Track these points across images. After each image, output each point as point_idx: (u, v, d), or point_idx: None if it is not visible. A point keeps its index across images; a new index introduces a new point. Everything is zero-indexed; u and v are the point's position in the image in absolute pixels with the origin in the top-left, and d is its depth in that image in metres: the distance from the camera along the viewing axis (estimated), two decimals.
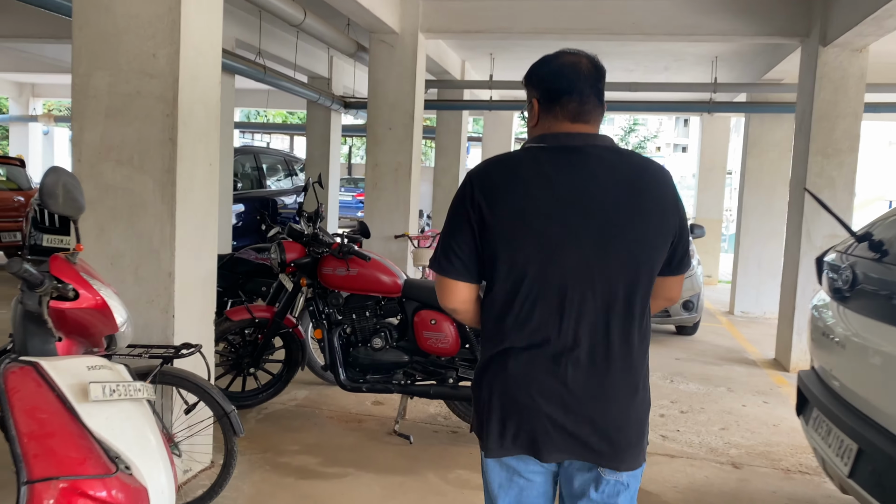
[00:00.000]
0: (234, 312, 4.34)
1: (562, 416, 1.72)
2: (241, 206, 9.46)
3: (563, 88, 1.78)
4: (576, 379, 1.72)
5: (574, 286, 1.71)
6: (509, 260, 1.72)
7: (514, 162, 1.82)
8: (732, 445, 4.45)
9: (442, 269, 1.80)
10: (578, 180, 1.73)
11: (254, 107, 18.20)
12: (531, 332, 1.73)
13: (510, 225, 1.72)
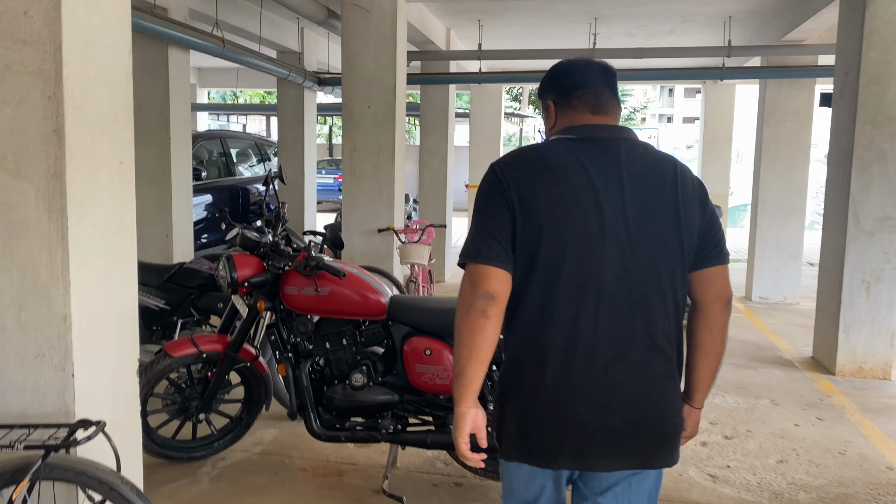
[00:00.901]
0: (176, 346, 3.44)
1: (605, 421, 1.71)
2: (208, 197, 8.54)
3: (576, 82, 1.85)
4: (617, 378, 1.70)
5: (610, 279, 1.69)
6: (547, 251, 1.69)
7: (545, 151, 1.78)
8: (799, 487, 3.63)
9: (480, 255, 1.71)
10: (612, 171, 1.73)
11: (223, 87, 17.10)
12: (567, 329, 1.69)
13: (548, 214, 1.69)
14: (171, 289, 4.43)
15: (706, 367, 1.88)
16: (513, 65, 9.94)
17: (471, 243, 1.74)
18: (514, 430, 1.79)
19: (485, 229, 1.72)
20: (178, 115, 6.55)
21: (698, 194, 1.79)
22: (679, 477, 3.70)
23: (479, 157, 12.46)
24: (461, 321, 1.72)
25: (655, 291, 1.72)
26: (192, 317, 4.43)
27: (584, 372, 1.70)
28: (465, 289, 1.73)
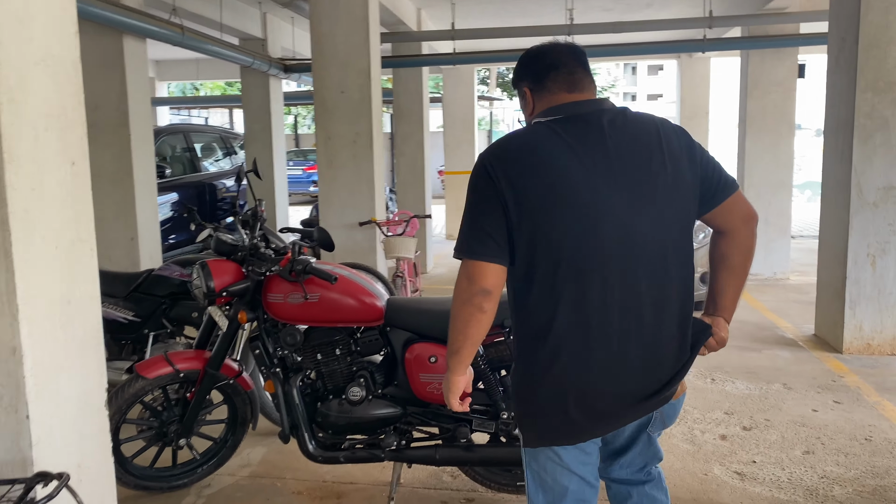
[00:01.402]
0: (149, 366, 3.07)
1: (631, 389, 1.78)
2: (174, 195, 8.09)
3: (548, 64, 1.88)
4: (635, 346, 1.76)
5: (615, 255, 1.71)
6: (545, 238, 1.71)
7: (531, 137, 1.81)
8: (832, 480, 3.39)
9: (474, 252, 1.75)
10: (598, 146, 1.74)
11: (183, 79, 16.47)
12: (577, 311, 1.72)
13: (542, 201, 1.70)
14: (139, 299, 4.04)
15: (736, 287, 1.96)
16: (487, 45, 9.57)
17: (464, 239, 1.78)
18: (548, 415, 1.82)
19: (478, 225, 1.75)
20: (138, 110, 6.11)
21: (685, 145, 1.82)
22: (705, 477, 3.44)
23: (454, 142, 12.14)
24: (458, 311, 1.80)
25: (660, 258, 1.76)
26: (165, 328, 4.05)
27: (601, 347, 1.75)
28: (462, 282, 1.78)
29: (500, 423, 2.97)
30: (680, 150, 1.81)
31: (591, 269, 1.72)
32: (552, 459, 1.89)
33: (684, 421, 4.10)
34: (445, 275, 8.94)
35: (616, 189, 1.72)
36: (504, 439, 3.05)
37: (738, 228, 1.91)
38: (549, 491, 1.93)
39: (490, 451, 3.00)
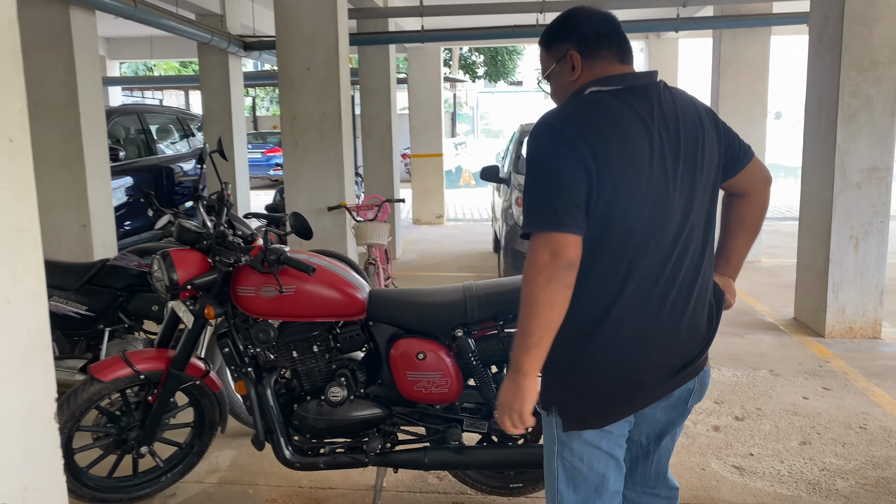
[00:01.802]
0: (105, 368, 2.77)
1: (674, 360, 1.77)
2: (128, 179, 7.68)
3: (599, 30, 1.79)
4: (683, 318, 1.75)
5: (675, 227, 1.71)
6: (622, 210, 1.65)
7: (602, 104, 1.71)
8: (833, 473, 3.26)
9: (563, 222, 1.61)
10: (661, 120, 1.70)
11: (136, 58, 15.78)
12: (641, 283, 1.69)
13: (623, 170, 1.64)
14: (93, 291, 3.71)
15: (749, 247, 2.02)
16: (456, 22, 9.29)
17: (548, 209, 1.62)
18: (602, 392, 1.75)
19: (563, 193, 1.61)
20: (87, 88, 5.72)
21: (713, 120, 1.83)
22: (703, 472, 3.28)
23: (420, 125, 11.86)
24: (540, 293, 1.61)
25: (701, 229, 1.77)
26: (122, 323, 3.73)
27: (662, 320, 1.72)
28: (542, 258, 1.61)
29: (494, 423, 2.76)
30: (711, 126, 1.81)
31: (655, 240, 1.68)
32: (591, 443, 1.78)
33: None
34: (416, 261, 8.70)
35: (676, 163, 1.71)
36: (496, 439, 2.85)
37: (759, 190, 1.96)
38: (583, 484, 1.82)
39: (483, 453, 2.78)
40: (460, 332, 2.71)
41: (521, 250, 6.10)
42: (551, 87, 1.90)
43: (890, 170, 5.06)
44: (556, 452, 1.83)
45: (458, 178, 19.19)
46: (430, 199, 12.06)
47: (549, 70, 1.87)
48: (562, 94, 1.85)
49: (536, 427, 2.82)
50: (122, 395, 2.89)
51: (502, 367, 2.84)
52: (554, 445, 1.82)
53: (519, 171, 7.09)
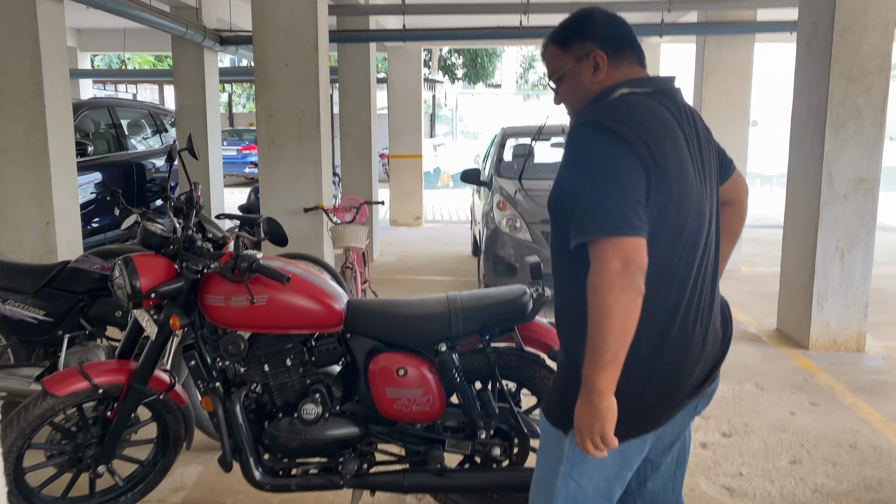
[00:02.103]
0: (60, 381, 2.57)
1: (704, 370, 1.73)
2: (96, 175, 7.42)
3: (625, 35, 1.77)
4: (711, 326, 1.73)
5: (707, 232, 1.70)
6: (676, 213, 1.61)
7: (648, 106, 1.65)
8: (826, 495, 3.16)
9: (633, 226, 1.51)
10: (688, 123, 1.71)
11: (108, 51, 15.38)
12: (683, 290, 1.66)
13: (676, 174, 1.60)
14: (52, 295, 3.49)
15: (730, 251, 2.00)
16: (438, 22, 9.13)
17: (615, 211, 1.51)
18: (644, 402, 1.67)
19: (629, 192, 1.53)
20: (54, 79, 5.46)
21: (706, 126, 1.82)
22: (692, 493, 3.16)
23: (399, 125, 11.69)
24: (615, 304, 1.50)
25: (717, 240, 1.77)
26: (83, 329, 3.51)
27: (696, 325, 1.69)
28: (614, 267, 1.50)
29: (478, 443, 2.61)
30: (709, 131, 1.82)
31: (696, 245, 1.66)
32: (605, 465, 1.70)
33: None
34: (393, 263, 8.52)
35: (703, 167, 1.70)
36: (479, 460, 2.69)
37: (742, 199, 1.98)
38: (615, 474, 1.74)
39: (466, 476, 2.62)
40: (444, 347, 2.55)
41: (502, 255, 5.96)
42: (565, 88, 1.80)
43: (877, 181, 4.99)
44: (564, 473, 1.72)
45: (436, 179, 19.04)
46: (408, 200, 11.89)
47: (566, 69, 1.77)
48: (580, 96, 1.77)
49: (522, 449, 2.68)
50: (78, 410, 2.69)
51: (486, 383, 2.69)
52: (560, 465, 1.71)
53: (501, 174, 6.96)
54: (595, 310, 1.52)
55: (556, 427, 1.72)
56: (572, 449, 1.68)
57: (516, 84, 32.64)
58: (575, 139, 1.62)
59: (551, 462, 1.75)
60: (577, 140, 1.61)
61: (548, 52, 1.82)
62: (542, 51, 1.85)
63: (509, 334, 2.64)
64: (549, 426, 1.75)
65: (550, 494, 1.75)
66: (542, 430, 1.80)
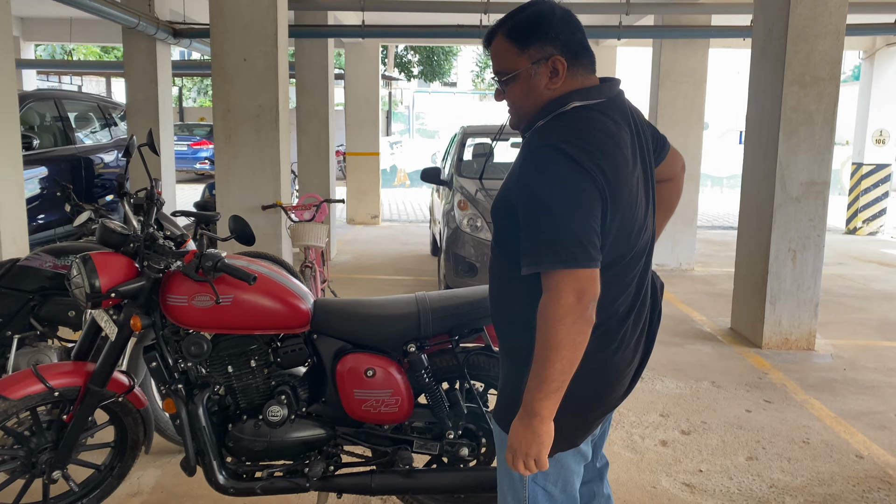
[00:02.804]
0: (13, 384, 2.46)
1: (641, 361, 1.80)
2: (42, 170, 7.18)
3: (581, 39, 1.69)
4: (646, 321, 1.78)
5: (648, 247, 1.73)
6: (625, 235, 1.62)
7: (602, 126, 1.60)
8: (782, 490, 3.24)
9: (591, 257, 1.50)
10: (634, 128, 1.69)
11: (53, 41, 14.89)
12: (630, 300, 1.69)
13: (628, 197, 1.59)
14: (0, 294, 3.36)
15: (664, 225, 2.02)
16: (398, 19, 9.08)
17: (572, 242, 1.49)
18: (581, 414, 1.71)
19: (586, 225, 1.50)
20: (3, 69, 5.25)
21: (644, 120, 1.80)
22: (653, 490, 3.20)
23: (357, 122, 11.59)
24: (565, 336, 1.50)
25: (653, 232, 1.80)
26: (33, 330, 3.38)
27: (637, 332, 1.74)
28: (567, 299, 1.49)
29: (446, 444, 2.59)
30: (646, 122, 1.81)
31: (641, 257, 1.70)
32: (567, 465, 1.76)
33: (621, 425, 3.87)
34: (351, 262, 8.45)
35: (646, 178, 1.70)
36: (447, 461, 2.68)
37: (678, 175, 1.98)
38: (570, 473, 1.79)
39: (434, 477, 2.60)
40: (413, 348, 2.53)
41: (463, 254, 5.96)
42: (516, 90, 1.68)
43: (827, 184, 5.15)
44: (529, 480, 1.75)
45: (392, 177, 18.96)
46: (365, 198, 11.81)
47: (521, 70, 1.65)
48: (531, 101, 1.68)
49: (489, 449, 2.67)
50: (32, 414, 2.58)
51: (454, 383, 2.68)
52: (530, 476, 1.72)
53: (461, 173, 6.96)
54: (545, 339, 1.51)
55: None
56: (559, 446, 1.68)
57: (473, 83, 32.75)
58: (534, 164, 1.56)
59: (513, 474, 1.74)
60: (535, 165, 1.55)
61: (498, 45, 1.69)
62: (488, 40, 1.72)
63: (478, 334, 2.63)
64: (506, 438, 1.70)
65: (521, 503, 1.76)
66: (500, 442, 1.77)
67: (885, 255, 9.69)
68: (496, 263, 1.77)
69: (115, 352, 2.53)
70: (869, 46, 11.31)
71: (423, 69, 27.99)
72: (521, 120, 1.74)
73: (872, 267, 8.76)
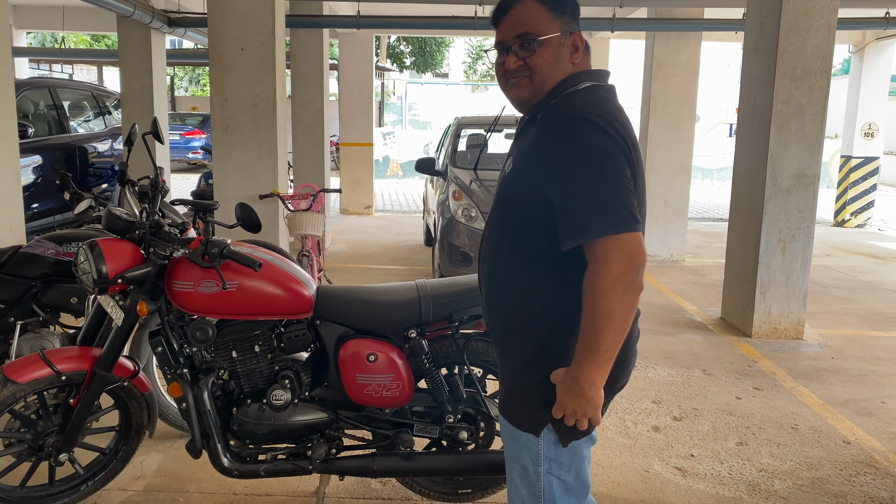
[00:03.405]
0: (21, 368, 2.51)
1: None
2: (37, 158, 7.18)
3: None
4: None
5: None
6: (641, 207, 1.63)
7: (615, 103, 1.68)
8: (771, 474, 3.32)
9: (637, 221, 1.53)
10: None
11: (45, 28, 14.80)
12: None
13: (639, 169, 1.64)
14: (3, 281, 3.38)
15: None
16: (391, 8, 9.09)
17: (620, 207, 1.51)
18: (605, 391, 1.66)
19: (628, 190, 1.54)
20: None
21: None
22: (647, 474, 3.28)
23: (351, 112, 11.61)
24: (617, 303, 1.51)
25: None
26: (36, 316, 3.42)
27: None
28: (618, 266, 1.50)
29: (445, 427, 2.66)
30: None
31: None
32: (580, 452, 1.74)
33: (615, 412, 3.95)
34: (345, 252, 8.49)
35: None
36: (446, 444, 2.74)
37: None
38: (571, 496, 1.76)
39: (434, 459, 2.67)
40: (414, 333, 2.59)
41: (457, 244, 6.01)
42: (545, 55, 1.66)
43: (817, 176, 5.23)
44: (544, 472, 1.72)
45: (385, 168, 18.98)
46: (358, 188, 11.84)
47: (553, 37, 1.65)
48: (556, 72, 1.68)
49: (488, 432, 2.74)
50: (39, 398, 2.63)
51: (453, 368, 2.74)
52: (539, 465, 1.72)
53: (456, 164, 7.01)
54: (596, 310, 1.51)
55: (524, 431, 1.72)
56: (548, 447, 1.70)
57: (465, 74, 32.72)
58: (564, 135, 1.57)
59: (527, 465, 1.74)
60: (566, 136, 1.57)
61: (529, 7, 1.67)
62: (510, 2, 1.70)
63: (478, 321, 2.69)
64: (516, 431, 1.73)
65: (537, 497, 1.75)
66: (509, 435, 1.78)
67: (873, 247, 9.82)
68: (505, 255, 1.74)
69: (121, 337, 2.58)
70: (859, 40, 11.40)
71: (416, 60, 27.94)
72: (539, 90, 1.70)
73: (860, 258, 8.87)
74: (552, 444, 1.69)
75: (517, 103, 1.77)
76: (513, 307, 1.74)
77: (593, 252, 1.52)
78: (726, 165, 18.16)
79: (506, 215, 1.74)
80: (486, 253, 1.81)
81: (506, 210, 1.74)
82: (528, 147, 1.70)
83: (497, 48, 1.74)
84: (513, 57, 1.69)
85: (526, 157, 1.69)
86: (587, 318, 1.53)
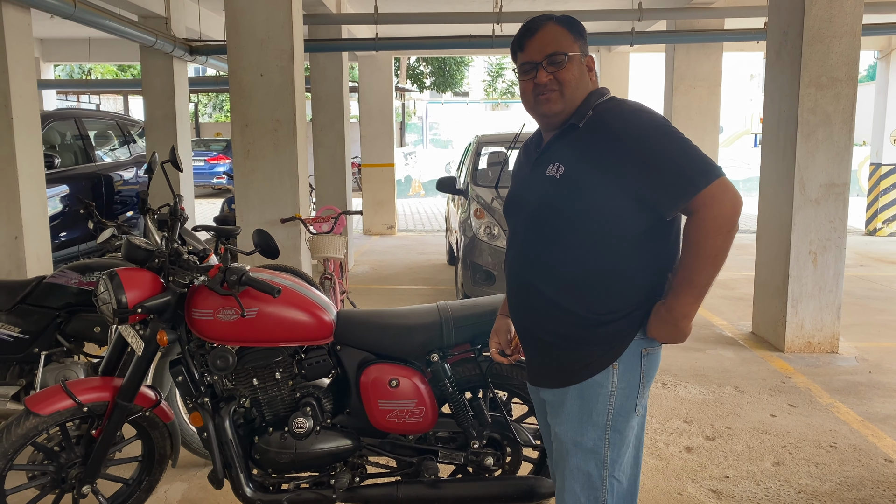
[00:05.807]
0: (43, 400, 2.50)
1: None
2: (64, 188, 7.27)
3: None
4: None
5: None
6: None
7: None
8: (810, 495, 3.20)
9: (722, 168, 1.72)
10: None
11: (72, 61, 15.09)
12: None
13: None
14: (27, 312, 3.41)
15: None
16: (411, 31, 9.14)
17: (710, 160, 1.71)
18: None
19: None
20: (22, 90, 5.36)
21: None
22: (680, 497, 3.18)
23: (371, 134, 11.66)
24: (722, 245, 1.67)
25: None
26: (60, 346, 3.43)
27: None
28: (726, 208, 1.65)
29: (470, 453, 2.60)
30: None
31: None
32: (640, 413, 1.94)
33: (645, 432, 3.84)
34: (369, 273, 8.48)
35: None
36: (472, 470, 2.68)
37: None
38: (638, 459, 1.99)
39: (459, 487, 2.61)
40: (436, 357, 2.54)
41: (480, 263, 5.96)
42: (573, 70, 1.82)
43: (847, 185, 5.11)
44: (607, 476, 1.87)
45: (407, 187, 19.03)
46: (381, 209, 11.86)
47: (576, 55, 1.83)
48: (583, 86, 1.84)
49: (515, 458, 2.67)
50: (61, 429, 2.62)
51: (477, 392, 2.68)
52: (603, 470, 1.86)
53: (477, 182, 6.98)
54: (702, 251, 1.66)
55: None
56: (611, 450, 1.84)
57: (485, 92, 32.82)
58: (640, 122, 1.73)
59: (591, 472, 1.86)
60: (646, 114, 1.75)
61: (553, 30, 1.82)
62: (537, 26, 1.84)
63: None
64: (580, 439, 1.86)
65: (598, 501, 1.87)
66: (572, 443, 1.87)
67: None
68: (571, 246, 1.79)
69: (142, 366, 2.56)
70: (884, 46, 11.23)
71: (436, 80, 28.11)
72: (570, 103, 1.83)
73: (894, 268, 8.66)
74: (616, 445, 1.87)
75: (545, 118, 1.87)
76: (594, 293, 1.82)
77: (701, 201, 1.65)
78: (752, 176, 17.93)
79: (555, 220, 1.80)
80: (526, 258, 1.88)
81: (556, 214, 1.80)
82: (583, 150, 1.77)
83: (525, 68, 1.86)
84: (543, 72, 1.82)
85: (585, 158, 1.76)
86: (691, 258, 1.69)
